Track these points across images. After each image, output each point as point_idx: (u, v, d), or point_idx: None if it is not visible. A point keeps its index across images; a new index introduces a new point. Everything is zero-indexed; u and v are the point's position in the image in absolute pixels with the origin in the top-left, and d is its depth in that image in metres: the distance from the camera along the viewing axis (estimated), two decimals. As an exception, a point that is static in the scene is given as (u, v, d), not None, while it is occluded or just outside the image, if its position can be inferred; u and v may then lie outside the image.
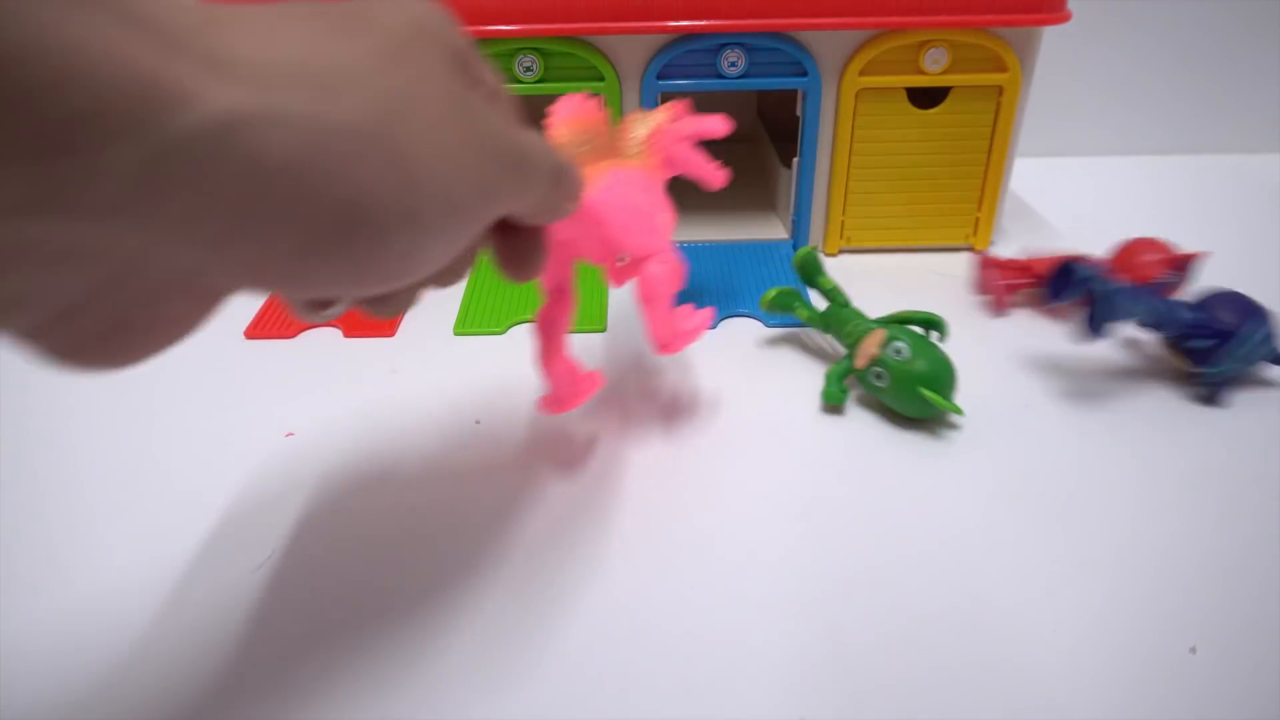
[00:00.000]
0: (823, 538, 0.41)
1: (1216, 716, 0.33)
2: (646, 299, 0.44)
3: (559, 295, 0.43)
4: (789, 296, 0.54)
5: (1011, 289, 0.59)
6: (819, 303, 0.56)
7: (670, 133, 0.46)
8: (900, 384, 0.46)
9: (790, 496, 0.43)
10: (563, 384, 0.44)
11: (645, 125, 0.46)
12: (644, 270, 0.43)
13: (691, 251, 0.66)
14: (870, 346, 0.48)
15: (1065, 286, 0.48)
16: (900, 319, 0.50)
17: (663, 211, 0.44)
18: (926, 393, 0.45)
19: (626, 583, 0.39)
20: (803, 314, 0.53)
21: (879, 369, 0.47)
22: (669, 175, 0.46)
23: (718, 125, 0.47)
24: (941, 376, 0.46)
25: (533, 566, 0.40)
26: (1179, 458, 0.45)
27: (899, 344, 0.47)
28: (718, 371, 0.53)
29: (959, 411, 0.46)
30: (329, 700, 0.34)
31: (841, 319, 0.51)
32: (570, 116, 0.43)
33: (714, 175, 0.48)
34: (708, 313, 0.47)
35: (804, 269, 0.54)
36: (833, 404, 0.49)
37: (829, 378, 0.49)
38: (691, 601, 0.38)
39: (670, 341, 0.45)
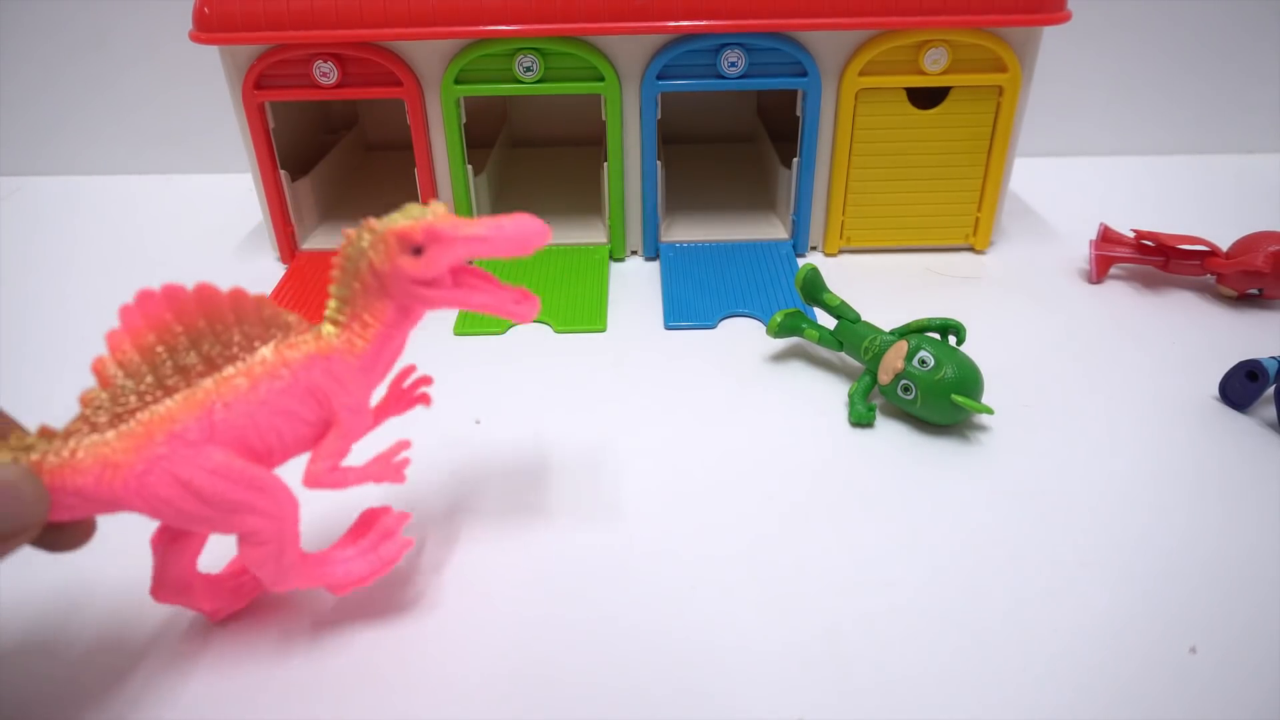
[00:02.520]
0: (822, 537, 0.41)
1: (1216, 716, 0.33)
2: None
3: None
4: (794, 319, 0.53)
5: (1108, 261, 0.61)
6: (825, 320, 0.55)
7: (403, 263, 0.32)
8: (931, 394, 0.45)
9: (789, 496, 0.43)
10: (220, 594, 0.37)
11: (367, 244, 0.33)
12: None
13: (691, 251, 0.66)
14: (894, 360, 0.46)
15: (1251, 390, 0.47)
16: (918, 327, 0.49)
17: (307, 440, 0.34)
18: (959, 399, 0.44)
19: (625, 581, 0.39)
20: (811, 335, 0.52)
21: (906, 381, 0.46)
22: (408, 325, 0.34)
23: (511, 232, 0.32)
24: (970, 380, 0.45)
25: (531, 565, 0.40)
26: (1180, 457, 0.45)
27: (923, 354, 0.46)
28: (717, 371, 0.53)
29: (990, 411, 0.45)
30: (324, 696, 0.34)
31: (856, 334, 0.50)
32: (147, 323, 0.31)
33: (511, 308, 0.34)
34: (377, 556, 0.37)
35: (806, 289, 0.52)
36: (863, 423, 0.47)
37: (853, 398, 0.48)
38: (691, 601, 0.38)
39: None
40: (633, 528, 0.42)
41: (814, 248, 0.67)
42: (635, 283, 0.63)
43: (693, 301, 0.60)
